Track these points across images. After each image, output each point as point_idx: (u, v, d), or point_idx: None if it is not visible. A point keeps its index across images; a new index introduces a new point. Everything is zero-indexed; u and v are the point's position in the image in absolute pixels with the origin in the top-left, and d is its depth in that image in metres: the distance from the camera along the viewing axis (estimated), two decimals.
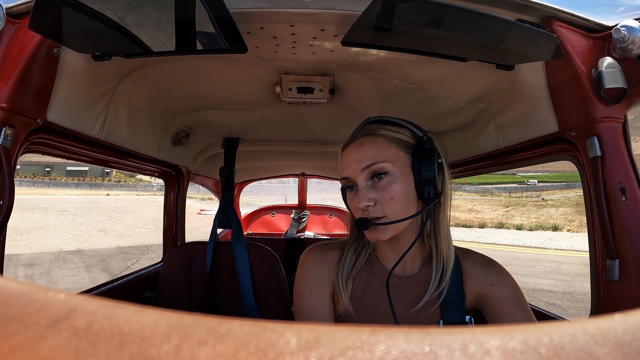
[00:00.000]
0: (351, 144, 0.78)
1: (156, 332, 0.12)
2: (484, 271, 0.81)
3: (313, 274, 0.81)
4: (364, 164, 0.74)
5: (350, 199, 0.77)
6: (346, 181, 0.78)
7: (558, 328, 0.13)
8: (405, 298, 0.78)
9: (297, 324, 0.13)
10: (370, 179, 0.74)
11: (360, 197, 0.73)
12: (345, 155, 0.78)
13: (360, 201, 0.72)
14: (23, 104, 0.70)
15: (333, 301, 0.82)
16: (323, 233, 2.99)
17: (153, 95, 1.19)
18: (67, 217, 14.65)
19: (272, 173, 2.90)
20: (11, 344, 0.12)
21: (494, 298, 0.78)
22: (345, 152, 0.78)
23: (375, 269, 0.81)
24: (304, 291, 0.81)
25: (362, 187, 0.73)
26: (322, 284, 0.81)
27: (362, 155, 0.75)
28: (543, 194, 36.05)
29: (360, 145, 0.76)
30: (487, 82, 1.03)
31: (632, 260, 0.68)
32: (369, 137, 0.76)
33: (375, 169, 0.73)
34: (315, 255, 0.83)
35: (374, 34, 0.70)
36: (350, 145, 0.78)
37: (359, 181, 0.74)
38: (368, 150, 0.74)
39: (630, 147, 0.73)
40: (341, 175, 0.78)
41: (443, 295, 0.77)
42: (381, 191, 0.72)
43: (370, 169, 0.73)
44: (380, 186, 0.73)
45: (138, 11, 0.66)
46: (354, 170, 0.75)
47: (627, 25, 0.67)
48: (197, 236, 1.73)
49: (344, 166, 0.77)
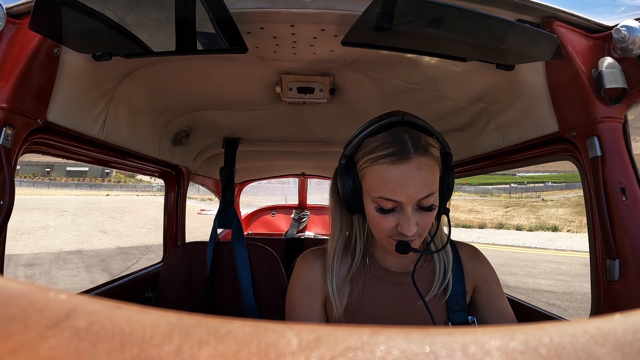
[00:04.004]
0: (406, 161, 0.66)
1: (157, 333, 0.12)
2: (476, 265, 0.84)
3: (304, 283, 0.81)
4: (423, 194, 0.66)
5: (386, 219, 0.69)
6: (388, 203, 0.68)
7: (558, 328, 0.13)
8: (406, 294, 0.79)
9: (298, 324, 0.13)
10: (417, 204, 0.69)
11: (410, 225, 0.67)
12: (393, 173, 0.66)
13: (409, 229, 0.67)
14: (23, 104, 0.70)
15: (326, 308, 0.81)
16: (323, 233, 2.99)
17: (153, 95, 1.20)
18: (67, 218, 14.64)
19: (272, 173, 2.90)
20: (12, 344, 0.12)
21: (486, 291, 0.83)
22: (394, 169, 0.66)
23: (373, 269, 0.81)
24: (295, 300, 0.81)
25: (412, 215, 0.67)
26: (314, 292, 0.80)
27: (421, 184, 0.66)
28: (542, 195, 36.10)
29: (419, 170, 0.66)
30: (487, 82, 1.03)
31: (632, 260, 0.68)
32: (425, 158, 0.67)
33: (429, 201, 0.68)
34: (307, 263, 0.82)
35: (374, 34, 0.70)
36: (404, 164, 0.66)
37: (409, 208, 0.67)
38: (427, 177, 0.67)
39: (630, 147, 0.73)
40: (383, 195, 0.67)
41: (448, 293, 0.79)
42: (424, 217, 0.69)
43: (426, 199, 0.68)
44: (426, 214, 0.69)
45: (138, 11, 0.66)
46: (409, 198, 0.66)
47: (627, 26, 0.67)
48: (197, 236, 1.73)
49: (393, 187, 0.66)
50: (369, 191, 0.70)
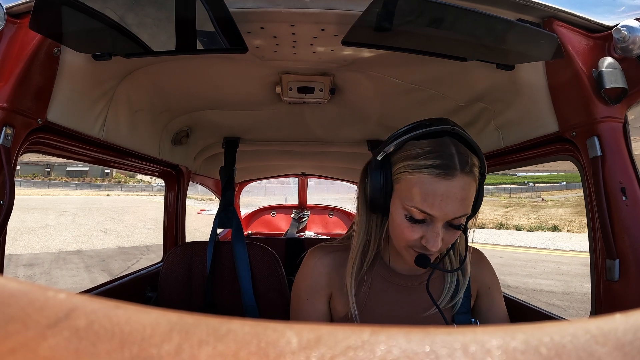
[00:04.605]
0: (451, 177, 0.63)
1: (157, 332, 0.12)
2: (480, 271, 0.85)
3: (312, 279, 0.81)
4: (459, 214, 0.65)
5: (413, 229, 0.67)
6: (420, 214, 0.65)
7: (559, 328, 0.13)
8: (415, 298, 0.79)
9: (298, 324, 0.13)
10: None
11: (436, 241, 0.65)
12: (436, 187, 0.64)
13: (434, 245, 0.65)
14: (23, 104, 0.70)
15: (330, 306, 0.81)
16: (323, 233, 2.99)
17: (153, 95, 1.20)
18: (67, 218, 14.64)
19: (273, 173, 2.90)
20: (11, 344, 0.12)
21: (488, 298, 0.84)
22: (437, 183, 0.64)
23: (381, 270, 0.80)
24: (301, 294, 0.81)
25: (440, 231, 0.66)
26: (319, 289, 0.80)
27: (460, 204, 0.64)
28: (543, 195, 36.11)
29: (462, 190, 0.64)
30: (487, 82, 1.03)
31: (632, 260, 0.68)
32: (468, 178, 0.65)
33: (461, 221, 0.67)
34: (315, 259, 0.82)
35: (374, 33, 0.70)
36: (448, 181, 0.64)
37: (439, 224, 0.65)
38: (467, 198, 0.65)
39: (630, 147, 0.73)
40: (419, 206, 0.65)
41: (456, 297, 0.79)
42: (451, 235, 0.68)
43: (459, 219, 0.66)
44: (452, 232, 0.68)
45: (138, 11, 0.66)
46: (445, 215, 0.64)
47: (627, 25, 0.67)
48: (197, 236, 1.73)
49: (432, 201, 0.64)
50: (402, 197, 0.67)
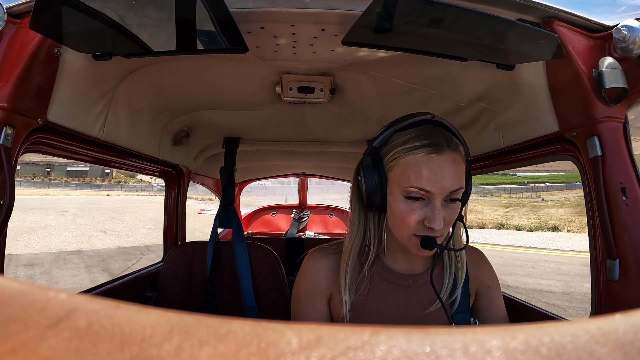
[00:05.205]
0: (439, 153, 0.68)
1: (157, 332, 0.12)
2: (480, 270, 0.85)
3: (312, 281, 0.81)
4: (454, 187, 0.68)
5: (414, 211, 0.69)
6: (419, 192, 0.68)
7: (559, 328, 0.13)
8: (414, 297, 0.79)
9: (298, 324, 0.13)
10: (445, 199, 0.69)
11: (437, 217, 0.67)
12: (429, 163, 0.67)
13: (436, 222, 0.67)
14: (23, 104, 0.70)
15: (330, 307, 0.82)
16: (323, 233, 2.99)
17: (153, 95, 1.20)
18: (68, 218, 14.64)
19: (273, 173, 2.90)
20: (12, 344, 0.12)
21: (487, 297, 0.85)
22: (429, 160, 0.67)
23: (380, 270, 0.80)
24: (301, 296, 0.81)
25: (440, 208, 0.68)
26: (319, 291, 0.80)
27: (453, 177, 0.68)
28: (543, 195, 36.13)
29: (453, 163, 0.68)
30: (487, 82, 1.03)
31: (632, 260, 0.68)
32: (456, 154, 0.69)
33: (458, 195, 0.69)
34: (314, 260, 0.82)
35: (375, 33, 0.70)
36: (439, 156, 0.68)
37: (437, 200, 0.68)
38: (458, 171, 0.69)
39: (630, 147, 0.73)
40: (416, 184, 0.68)
41: (456, 303, 0.79)
42: (450, 211, 0.70)
43: (456, 192, 0.69)
44: (451, 208, 0.70)
45: (138, 11, 0.66)
46: (442, 190, 0.67)
47: (627, 25, 0.67)
48: (197, 236, 1.74)
49: (428, 176, 0.67)
50: (398, 182, 0.70)
